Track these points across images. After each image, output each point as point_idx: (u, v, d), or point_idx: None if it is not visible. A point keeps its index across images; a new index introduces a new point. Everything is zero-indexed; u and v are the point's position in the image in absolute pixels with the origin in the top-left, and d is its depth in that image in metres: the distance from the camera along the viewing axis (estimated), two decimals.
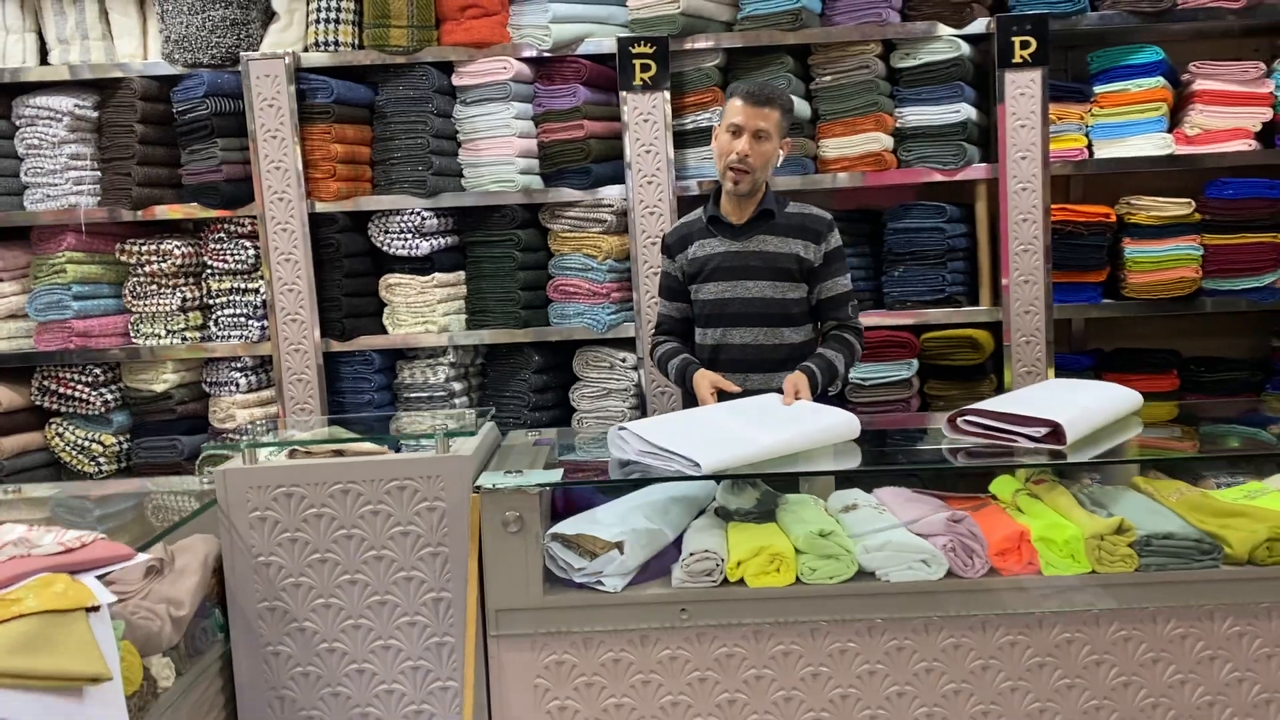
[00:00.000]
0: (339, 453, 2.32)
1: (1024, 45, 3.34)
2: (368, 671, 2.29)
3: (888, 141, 3.48)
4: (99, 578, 1.75)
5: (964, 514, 2.29)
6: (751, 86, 2.79)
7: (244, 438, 2.41)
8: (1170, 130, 3.53)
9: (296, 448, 2.34)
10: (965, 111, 3.43)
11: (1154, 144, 3.48)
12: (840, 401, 3.55)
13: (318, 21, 3.45)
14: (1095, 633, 2.24)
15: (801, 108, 3.49)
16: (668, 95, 3.40)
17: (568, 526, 2.29)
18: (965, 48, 3.44)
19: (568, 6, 3.41)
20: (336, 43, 3.47)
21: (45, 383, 3.64)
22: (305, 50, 3.49)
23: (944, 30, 3.42)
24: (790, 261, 2.85)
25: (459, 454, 2.27)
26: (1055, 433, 2.31)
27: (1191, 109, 3.50)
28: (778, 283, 2.85)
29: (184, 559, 2.19)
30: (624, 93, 3.40)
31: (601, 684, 2.24)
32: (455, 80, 3.50)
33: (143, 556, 1.90)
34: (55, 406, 3.65)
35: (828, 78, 3.51)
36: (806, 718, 2.25)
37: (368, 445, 2.35)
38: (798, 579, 2.24)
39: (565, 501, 2.52)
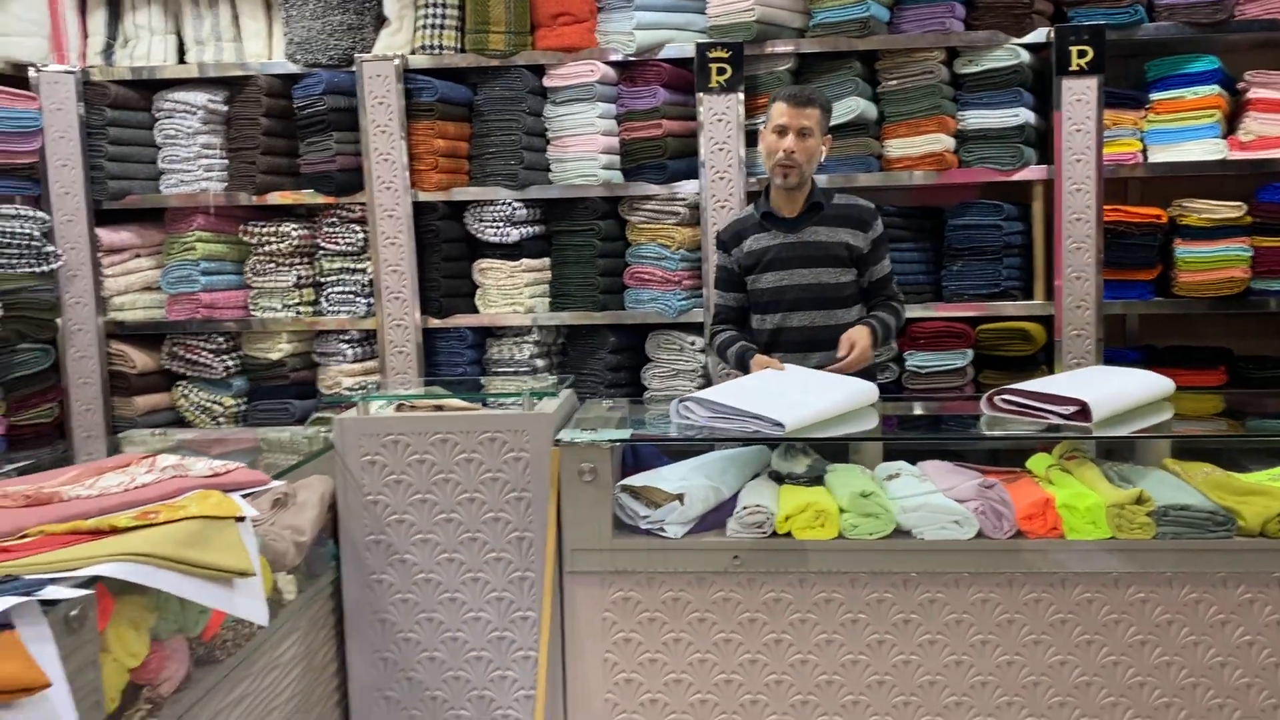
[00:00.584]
0: (439, 408, 2.64)
1: (1081, 54, 3.53)
2: (458, 600, 2.61)
3: (949, 143, 3.69)
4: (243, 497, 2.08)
5: (995, 481, 2.52)
6: (793, 90, 3.07)
7: (359, 391, 2.74)
8: (1226, 136, 3.67)
9: (403, 402, 2.67)
10: (1024, 116, 3.63)
11: (1207, 149, 3.63)
12: (897, 388, 3.79)
13: (424, 27, 3.80)
14: (1114, 594, 2.44)
15: (868, 109, 3.72)
16: (741, 97, 3.67)
17: (635, 480, 2.58)
18: (1025, 55, 3.64)
19: (650, 14, 3.70)
20: (441, 46, 3.81)
21: (174, 349, 4.06)
22: (413, 53, 3.83)
23: (1005, 39, 3.63)
24: (841, 249, 3.09)
25: (543, 412, 2.58)
26: (1083, 411, 2.53)
27: (1247, 116, 3.65)
28: (830, 269, 3.10)
29: (304, 495, 2.52)
30: (700, 94, 3.68)
31: (662, 619, 2.52)
32: (546, 81, 3.81)
33: (275, 483, 2.24)
34: (182, 371, 4.06)
35: (894, 82, 3.73)
36: (846, 659, 2.50)
37: (463, 402, 2.67)
38: (840, 534, 2.49)
39: (635, 463, 2.81)
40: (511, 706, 2.62)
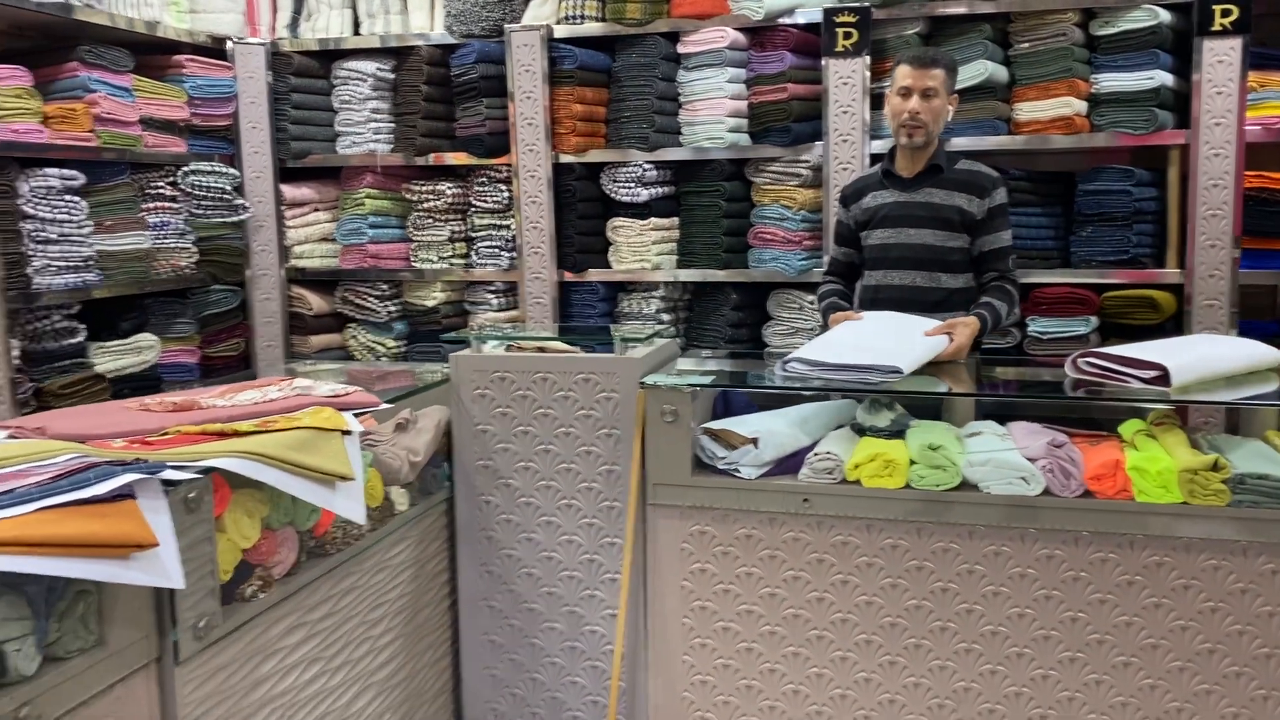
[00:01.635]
0: (542, 350, 2.90)
1: (1225, 13, 3.40)
2: (554, 523, 2.88)
3: (1080, 106, 3.63)
4: (355, 416, 2.40)
5: (1065, 440, 2.55)
6: (916, 52, 3.13)
7: (474, 331, 3.03)
8: None
9: (512, 343, 2.95)
10: (1160, 78, 3.53)
11: None
12: (1018, 352, 3.79)
13: None
14: (1186, 559, 2.44)
15: (997, 72, 3.71)
16: (867, 60, 3.73)
17: (716, 423, 2.76)
18: (1164, 15, 3.53)
19: None
20: (582, 16, 4.05)
21: (345, 294, 4.51)
22: (557, 23, 4.09)
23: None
24: (953, 213, 3.14)
25: (631, 357, 2.79)
26: (1163, 376, 2.52)
27: None
28: (938, 231, 3.15)
29: (424, 421, 2.84)
30: (826, 58, 3.77)
31: (735, 554, 2.70)
32: (680, 48, 3.98)
33: (385, 405, 2.56)
34: (351, 314, 4.51)
35: (1025, 44, 3.70)
36: (910, 603, 2.61)
37: (564, 345, 2.91)
38: (908, 484, 2.59)
39: (726, 411, 2.98)
40: (598, 623, 2.87)
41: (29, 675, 1.59)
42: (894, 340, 2.84)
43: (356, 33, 4.42)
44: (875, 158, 3.75)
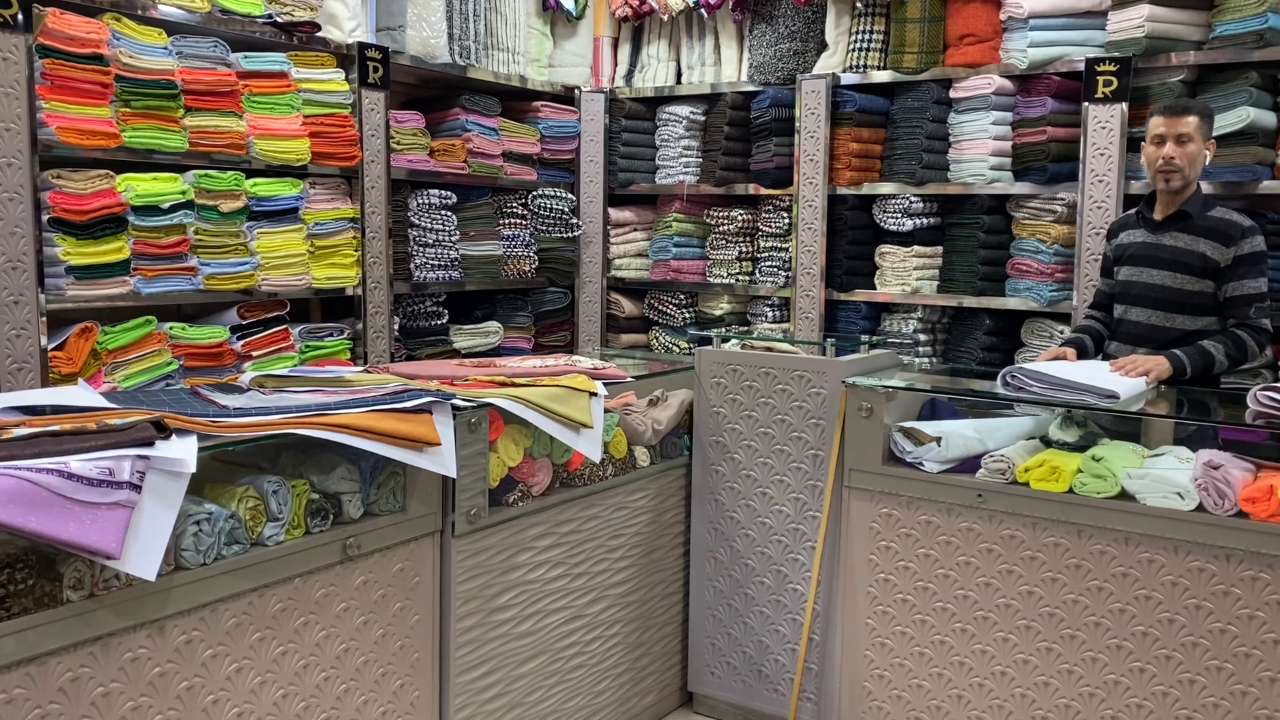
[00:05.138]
0: (769, 349, 3.48)
1: None
2: (767, 494, 3.44)
3: None
4: (606, 385, 3.13)
5: (1223, 463, 2.74)
6: (1168, 102, 3.34)
7: (717, 331, 3.67)
8: None
9: (746, 342, 3.56)
10: None
11: None
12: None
13: (853, 49, 4.58)
14: None
15: (1261, 118, 3.78)
16: (1125, 107, 3.94)
17: (908, 422, 3.20)
18: None
19: (1044, 33, 4.11)
20: (865, 65, 4.57)
21: (651, 301, 5.31)
22: (843, 71, 4.64)
23: None
24: (1194, 259, 3.30)
25: (838, 360, 3.31)
26: None
27: None
28: (1177, 274, 3.33)
29: (671, 399, 3.52)
30: (1086, 104, 4.02)
31: (916, 536, 3.12)
32: (951, 93, 4.39)
33: (631, 379, 3.27)
34: (655, 318, 5.31)
35: None
36: (1068, 597, 2.91)
37: (787, 346, 3.48)
38: (1071, 490, 2.89)
39: (932, 416, 3.39)
40: (799, 583, 3.40)
41: (355, 519, 2.45)
42: (1107, 373, 3.11)
43: (678, 82, 5.22)
44: (1129, 198, 3.95)
